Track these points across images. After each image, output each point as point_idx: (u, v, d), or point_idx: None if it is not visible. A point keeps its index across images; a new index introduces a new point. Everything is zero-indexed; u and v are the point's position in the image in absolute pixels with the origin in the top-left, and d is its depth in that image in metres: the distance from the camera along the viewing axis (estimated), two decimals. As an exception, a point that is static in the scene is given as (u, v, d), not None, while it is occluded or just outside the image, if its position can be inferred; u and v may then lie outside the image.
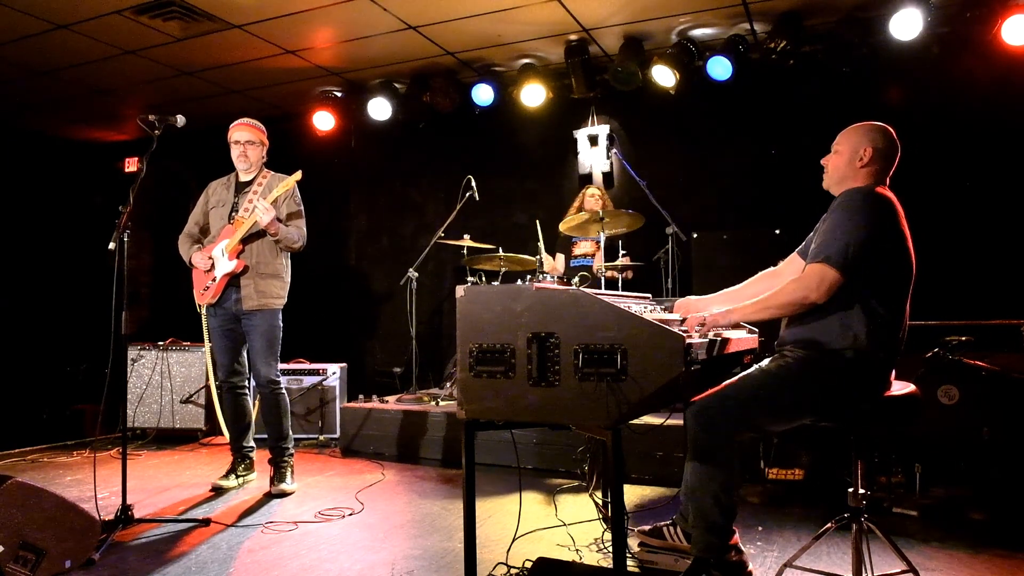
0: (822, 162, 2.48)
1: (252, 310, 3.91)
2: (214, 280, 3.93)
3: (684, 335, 1.99)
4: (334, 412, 5.43)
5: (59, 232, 7.36)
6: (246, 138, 4.01)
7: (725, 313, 2.36)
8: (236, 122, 4.06)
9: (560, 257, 5.59)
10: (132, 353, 5.55)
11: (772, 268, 2.76)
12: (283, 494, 3.89)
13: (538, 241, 4.22)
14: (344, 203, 7.08)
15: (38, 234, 7.23)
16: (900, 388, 2.27)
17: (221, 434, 5.51)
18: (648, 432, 4.00)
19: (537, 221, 4.38)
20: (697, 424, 2.24)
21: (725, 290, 2.82)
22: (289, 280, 4.11)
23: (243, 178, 4.09)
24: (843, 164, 2.40)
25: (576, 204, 5.39)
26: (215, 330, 4.04)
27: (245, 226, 3.86)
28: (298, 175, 3.93)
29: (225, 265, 3.90)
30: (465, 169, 5.51)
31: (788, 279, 2.59)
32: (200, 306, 4.05)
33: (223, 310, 3.98)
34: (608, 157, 5.99)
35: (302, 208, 4.11)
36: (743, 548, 2.41)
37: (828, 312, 2.21)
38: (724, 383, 2.30)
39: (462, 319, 2.24)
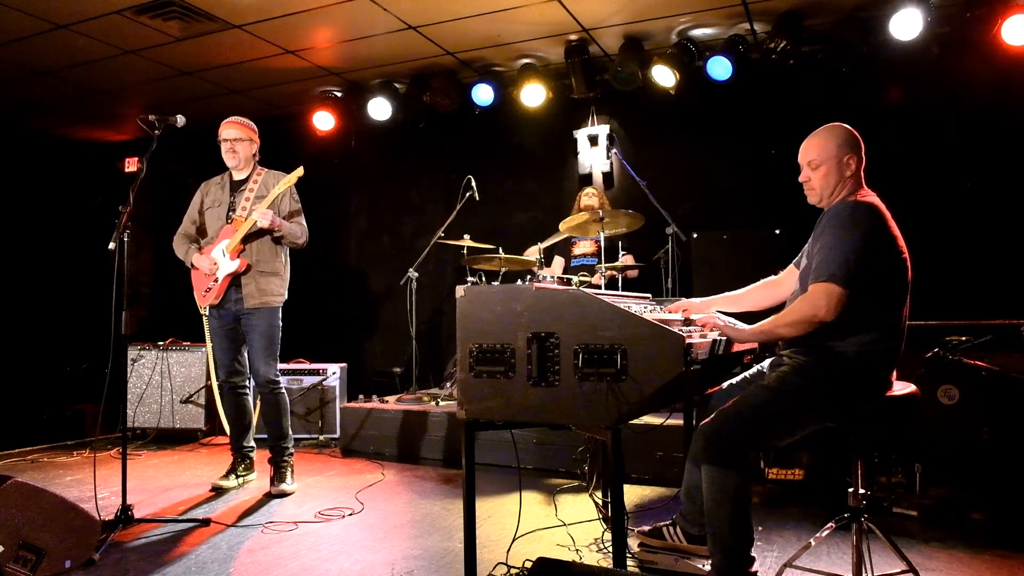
0: (802, 180, 2.46)
1: (253, 308, 3.91)
2: (216, 281, 3.92)
3: (684, 335, 1.99)
4: (334, 412, 5.43)
5: (59, 232, 7.36)
6: (234, 135, 4.01)
7: (741, 332, 2.36)
8: (224, 121, 4.07)
9: (559, 260, 5.58)
10: (132, 353, 5.55)
11: (773, 277, 2.77)
12: (283, 494, 3.89)
13: (540, 256, 4.28)
14: (344, 203, 7.08)
15: (38, 234, 7.22)
16: (900, 388, 2.28)
17: (222, 434, 5.53)
18: (648, 432, 4.00)
19: (540, 246, 4.48)
20: (709, 449, 2.24)
21: (726, 293, 2.82)
22: (288, 277, 4.12)
23: (236, 176, 4.09)
24: (833, 178, 2.37)
25: (575, 206, 5.39)
26: (215, 331, 4.04)
27: (245, 227, 3.86)
28: (300, 171, 3.93)
29: (227, 265, 3.90)
30: (465, 169, 5.50)
31: (788, 288, 2.60)
32: (203, 308, 4.05)
33: (224, 311, 3.98)
34: (608, 157, 5.99)
35: (300, 204, 4.12)
36: None
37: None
38: (729, 401, 2.30)
39: (462, 319, 2.24)
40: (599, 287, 4.61)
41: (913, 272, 2.31)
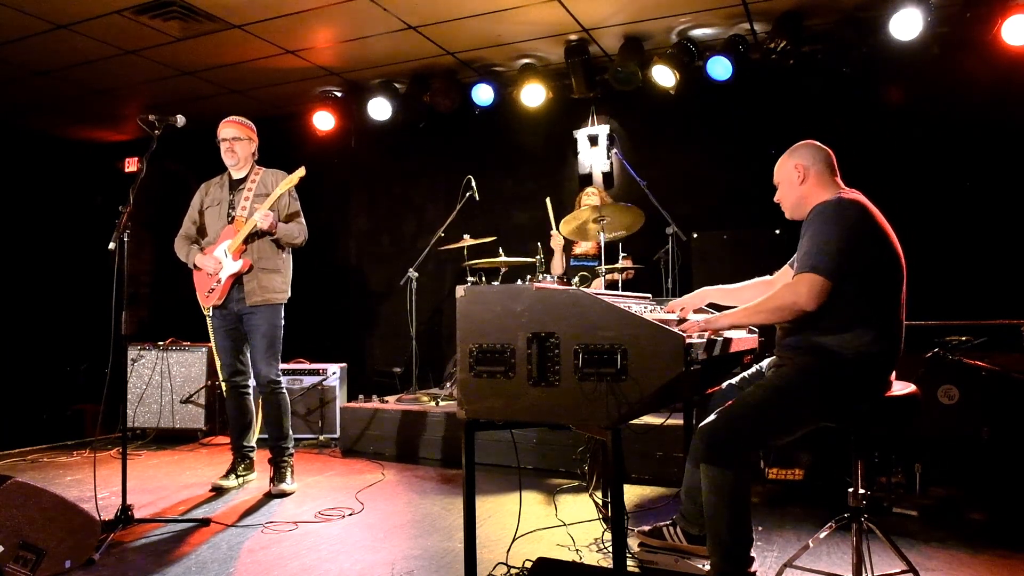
0: (776, 200, 2.55)
1: (255, 306, 3.92)
2: (219, 282, 3.93)
3: (684, 335, 1.99)
4: (334, 412, 5.43)
5: (59, 232, 7.36)
6: (232, 134, 4.03)
7: (720, 317, 2.37)
8: (223, 120, 4.08)
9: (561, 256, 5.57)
10: (132, 353, 5.55)
11: (768, 277, 2.78)
12: (283, 494, 3.89)
13: (550, 230, 4.28)
14: (344, 203, 7.08)
15: (38, 234, 7.23)
16: (900, 388, 2.28)
17: (222, 434, 5.54)
18: (648, 432, 4.00)
19: (548, 200, 4.41)
20: (708, 449, 2.24)
21: (720, 286, 2.84)
22: (291, 275, 4.12)
23: (235, 175, 4.11)
24: (790, 191, 2.49)
25: (576, 206, 5.37)
26: (218, 330, 4.05)
27: (247, 228, 3.87)
28: (302, 171, 3.94)
29: (231, 266, 3.91)
30: (465, 169, 5.50)
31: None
32: (207, 309, 4.06)
33: (226, 311, 3.99)
34: (608, 157, 5.99)
35: (299, 204, 4.14)
36: None
37: (824, 317, 2.21)
38: (728, 403, 2.30)
39: (462, 319, 2.24)
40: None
41: (913, 272, 2.31)
